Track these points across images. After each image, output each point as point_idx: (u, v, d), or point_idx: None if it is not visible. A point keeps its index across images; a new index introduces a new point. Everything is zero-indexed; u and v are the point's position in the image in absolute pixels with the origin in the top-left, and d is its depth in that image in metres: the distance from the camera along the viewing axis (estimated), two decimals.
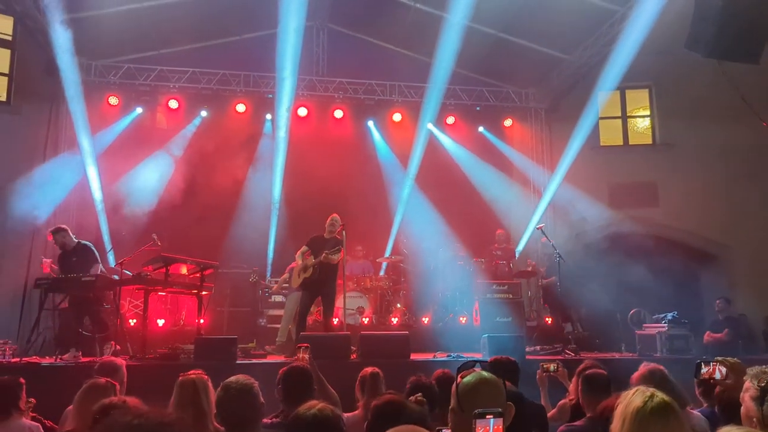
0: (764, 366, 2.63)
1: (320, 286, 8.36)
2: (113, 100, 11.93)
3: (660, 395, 2.25)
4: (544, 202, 12.51)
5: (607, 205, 12.20)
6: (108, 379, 3.72)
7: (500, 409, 1.83)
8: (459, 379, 2.25)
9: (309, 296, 8.46)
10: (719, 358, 3.00)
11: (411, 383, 3.69)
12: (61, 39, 10.12)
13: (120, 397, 2.76)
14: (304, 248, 8.65)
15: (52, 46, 10.35)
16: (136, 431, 1.32)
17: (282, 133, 11.94)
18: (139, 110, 12.14)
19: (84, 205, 11.13)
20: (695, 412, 3.66)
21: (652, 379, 3.89)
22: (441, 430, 2.56)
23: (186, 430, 2.20)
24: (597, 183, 12.29)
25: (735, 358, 2.99)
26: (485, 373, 2.25)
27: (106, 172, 11.33)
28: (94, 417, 2.40)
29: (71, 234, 8.04)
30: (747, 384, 2.55)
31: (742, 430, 1.70)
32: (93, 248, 8.11)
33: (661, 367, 4.08)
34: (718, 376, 2.96)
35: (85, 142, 11.08)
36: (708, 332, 10.12)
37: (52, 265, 8.31)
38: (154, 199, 11.14)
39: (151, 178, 11.39)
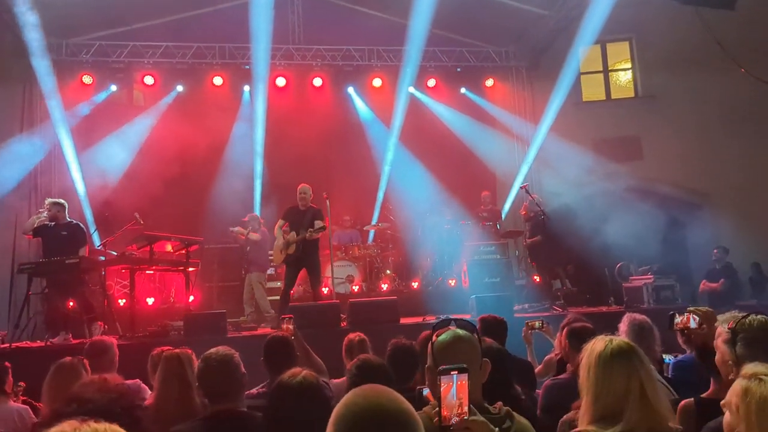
0: (735, 311, 2.67)
1: (303, 260, 8.32)
2: (87, 79, 11.67)
3: (622, 340, 2.29)
4: (529, 160, 12.49)
5: (591, 160, 12.19)
6: (75, 357, 3.74)
7: (464, 365, 1.83)
8: (434, 338, 2.26)
9: (292, 272, 8.42)
10: (691, 308, 3.02)
11: (391, 346, 3.71)
12: (29, 19, 9.88)
13: (101, 375, 2.74)
14: (280, 222, 8.57)
15: (20, 27, 10.12)
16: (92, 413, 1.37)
17: (261, 104, 11.79)
18: (113, 88, 11.90)
19: (65, 187, 10.99)
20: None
21: (634, 330, 3.95)
22: (422, 389, 2.58)
23: (133, 399, 2.22)
24: (581, 139, 12.23)
25: (707, 307, 3.01)
26: (460, 331, 2.26)
27: (83, 151, 11.17)
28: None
29: (66, 212, 7.96)
30: (719, 330, 2.59)
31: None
32: (84, 229, 8.05)
33: (643, 317, 4.12)
34: (692, 324, 2.97)
35: (59, 123, 10.92)
36: (704, 281, 10.27)
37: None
38: (131, 176, 10.99)
39: (127, 154, 11.24)
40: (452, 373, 1.81)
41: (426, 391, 2.44)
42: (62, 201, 8.02)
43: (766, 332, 2.44)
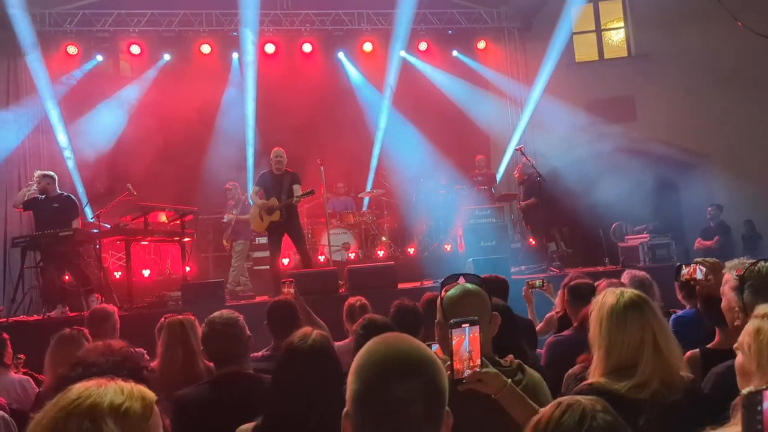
0: (744, 257, 2.66)
1: (287, 226, 8.10)
2: (72, 50, 11.41)
3: (630, 290, 2.28)
4: (523, 122, 12.41)
5: (584, 121, 12.13)
6: (75, 328, 3.73)
7: (475, 317, 1.81)
8: (443, 293, 2.24)
9: (277, 239, 8.18)
10: (698, 260, 3.02)
11: (395, 306, 3.73)
12: None
13: (105, 341, 2.72)
14: (255, 188, 8.27)
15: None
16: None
17: (250, 71, 11.61)
18: (99, 58, 11.64)
19: (54, 159, 10.85)
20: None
21: (634, 285, 3.97)
22: (430, 344, 2.58)
23: (138, 361, 2.20)
24: (574, 99, 12.14)
25: (715, 258, 3.01)
26: (469, 285, 2.24)
27: (71, 123, 11.00)
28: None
29: (56, 185, 7.83)
30: (726, 276, 2.58)
31: None
32: (75, 201, 7.94)
33: (643, 273, 4.15)
34: (699, 275, 2.98)
35: (47, 95, 10.75)
36: (699, 239, 10.37)
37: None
38: (121, 147, 10.86)
39: (116, 125, 11.06)
40: (464, 325, 1.79)
41: (435, 347, 2.44)
42: (51, 173, 7.90)
43: None
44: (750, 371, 1.74)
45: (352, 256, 10.42)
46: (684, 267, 3.03)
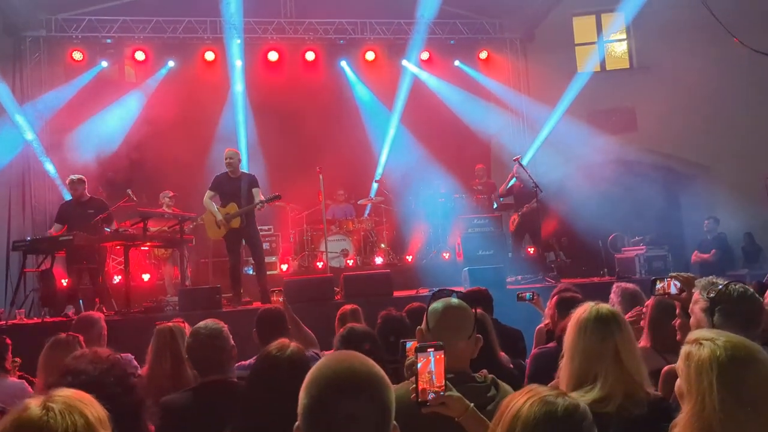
0: (713, 276, 2.68)
1: (244, 233, 7.75)
2: (77, 55, 11.53)
3: (606, 307, 2.33)
4: (538, 141, 12.39)
5: (585, 131, 12.16)
6: (70, 333, 3.78)
7: (441, 343, 1.86)
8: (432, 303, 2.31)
9: (236, 245, 7.84)
10: (673, 274, 3.03)
11: (382, 317, 3.77)
12: None
13: (92, 348, 2.78)
14: (210, 193, 7.85)
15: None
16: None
17: (241, 78, 11.74)
18: (104, 64, 11.74)
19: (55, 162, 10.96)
20: None
21: (624, 297, 4.00)
22: (405, 342, 2.65)
23: (125, 368, 2.26)
24: (575, 110, 12.18)
25: (689, 273, 3.03)
26: (455, 300, 2.31)
27: (74, 128, 11.04)
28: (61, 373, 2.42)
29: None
30: (696, 296, 2.60)
31: (712, 333, 1.79)
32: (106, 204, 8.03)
33: (633, 286, 4.16)
34: (673, 290, 2.99)
35: (46, 99, 10.95)
36: (696, 252, 10.36)
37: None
38: (123, 152, 10.94)
39: (119, 130, 11.13)
40: (429, 350, 1.84)
41: (409, 344, 2.51)
42: (82, 177, 8.06)
43: (745, 303, 2.46)
44: (682, 393, 1.79)
45: (350, 262, 10.47)
46: (658, 281, 3.04)
